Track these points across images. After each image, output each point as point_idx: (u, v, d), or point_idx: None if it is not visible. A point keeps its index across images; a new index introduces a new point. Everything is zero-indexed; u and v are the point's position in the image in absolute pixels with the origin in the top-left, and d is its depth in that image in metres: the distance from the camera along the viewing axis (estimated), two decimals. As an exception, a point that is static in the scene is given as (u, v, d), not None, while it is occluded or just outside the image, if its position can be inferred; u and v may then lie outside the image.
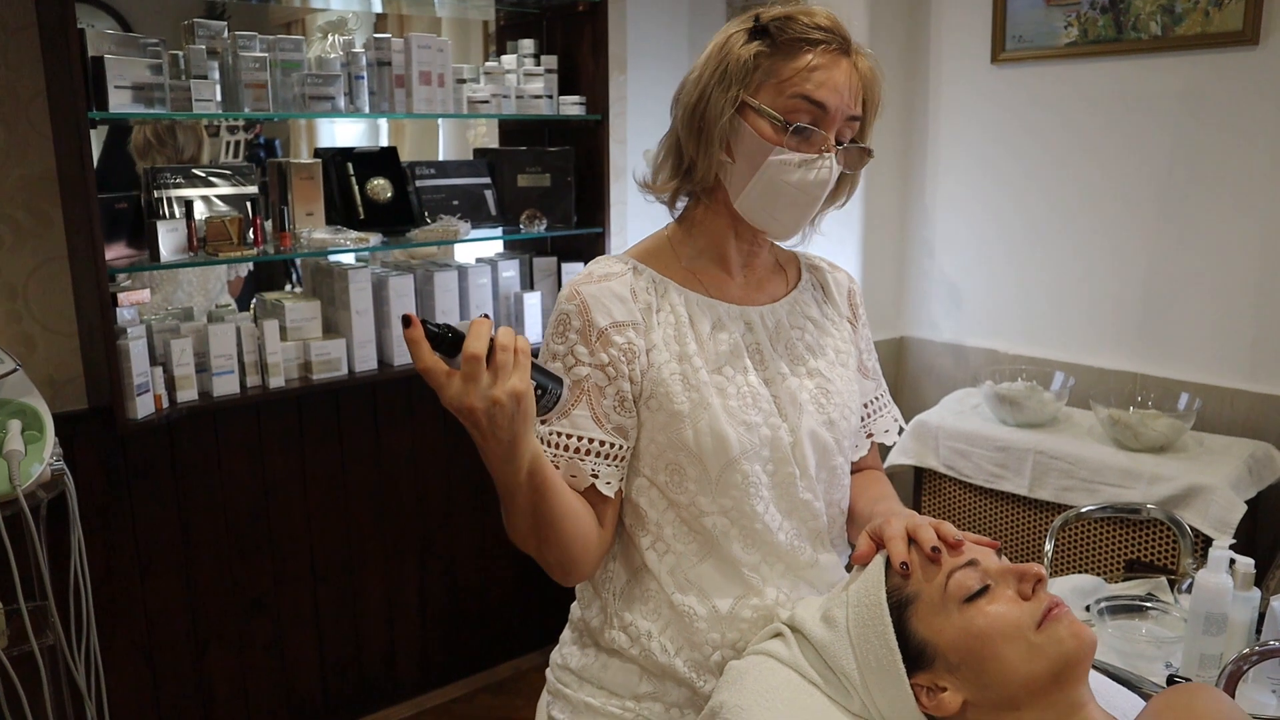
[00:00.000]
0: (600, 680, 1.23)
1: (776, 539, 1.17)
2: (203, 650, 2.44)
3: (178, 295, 2.67)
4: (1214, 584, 1.59)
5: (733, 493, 1.14)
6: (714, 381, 1.14)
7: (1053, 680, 1.00)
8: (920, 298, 3.04)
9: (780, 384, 1.18)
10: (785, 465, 1.16)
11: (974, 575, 1.06)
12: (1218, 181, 2.41)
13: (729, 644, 1.17)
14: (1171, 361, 2.52)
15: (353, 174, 2.48)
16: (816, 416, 1.19)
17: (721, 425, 1.12)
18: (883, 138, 2.95)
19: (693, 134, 1.14)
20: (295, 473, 2.51)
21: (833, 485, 1.24)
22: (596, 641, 1.24)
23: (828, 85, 1.08)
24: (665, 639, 1.18)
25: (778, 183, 1.10)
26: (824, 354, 1.23)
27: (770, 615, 1.18)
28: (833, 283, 1.31)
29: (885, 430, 1.34)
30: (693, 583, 1.17)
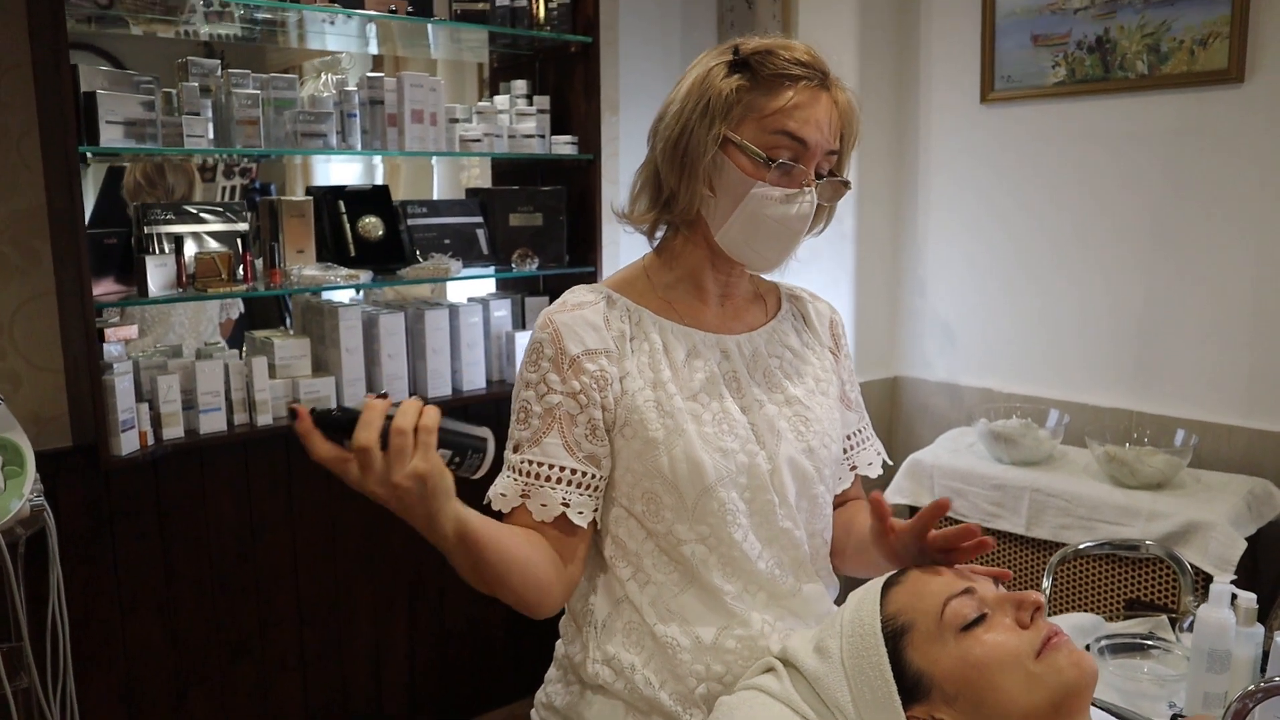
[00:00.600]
0: (581, 718, 1.20)
1: (756, 567, 1.15)
2: (184, 695, 2.38)
3: (169, 337, 2.65)
4: (1216, 620, 1.55)
5: (710, 520, 1.12)
6: (689, 408, 1.13)
7: (1053, 711, 0.97)
8: (913, 337, 3.03)
9: (757, 411, 1.17)
10: (763, 493, 1.15)
11: (971, 603, 1.03)
12: (1209, 219, 2.42)
13: (714, 676, 1.14)
14: (1167, 399, 2.51)
15: (344, 212, 2.48)
16: (796, 444, 1.17)
17: (697, 452, 1.11)
18: (874, 178, 2.96)
19: (674, 167, 1.14)
20: (282, 513, 2.47)
21: (814, 515, 1.22)
22: (580, 677, 1.21)
23: (809, 122, 1.09)
24: (649, 671, 1.15)
25: (760, 217, 1.10)
26: (803, 382, 1.22)
27: (755, 645, 1.15)
28: (813, 312, 1.31)
29: (869, 463, 1.33)
30: (675, 613, 1.15)
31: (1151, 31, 2.43)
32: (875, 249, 2.99)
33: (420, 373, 2.57)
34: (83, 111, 2.00)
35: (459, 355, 2.61)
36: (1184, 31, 2.38)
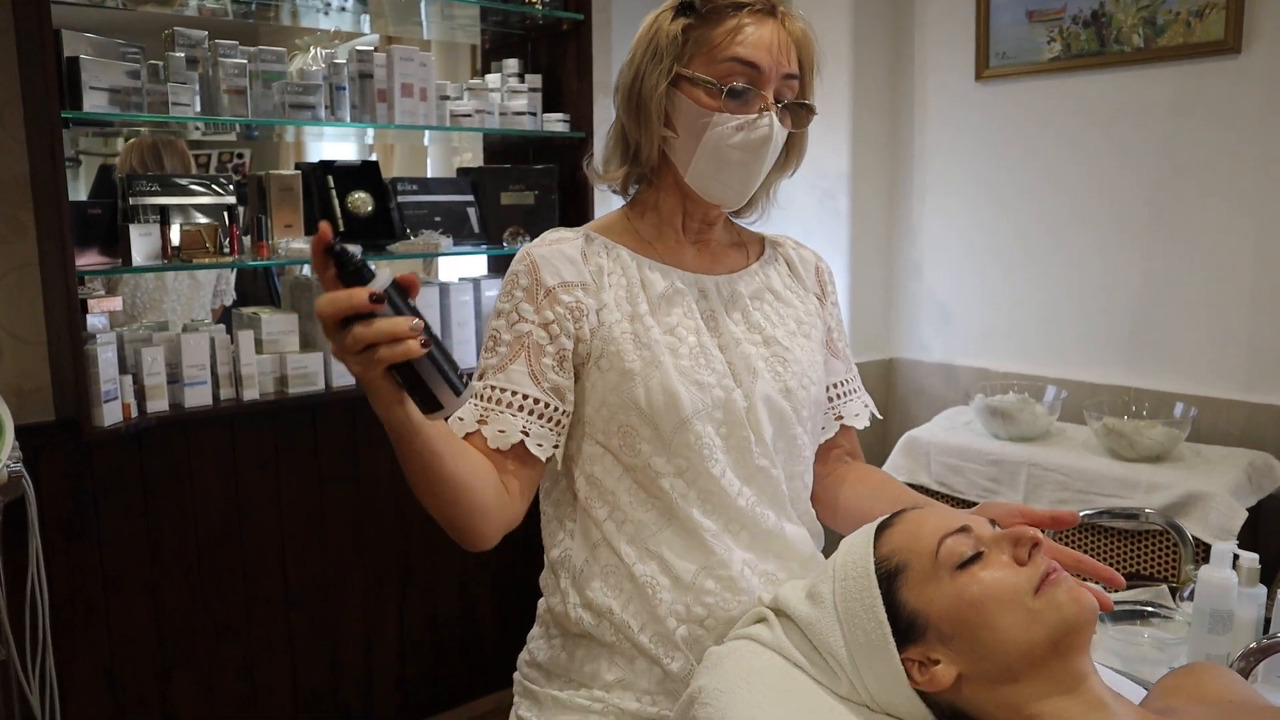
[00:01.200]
0: (567, 672, 1.18)
1: (736, 504, 1.13)
2: (168, 676, 2.34)
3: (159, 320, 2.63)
4: (1219, 580, 1.53)
5: (686, 453, 1.11)
6: (666, 341, 1.12)
7: (1052, 649, 0.94)
8: (909, 318, 3.00)
9: (734, 349, 1.16)
10: (739, 429, 1.13)
11: (967, 541, 1.00)
12: (1207, 191, 2.40)
13: (695, 618, 1.12)
14: (1166, 374, 2.48)
15: (333, 187, 2.45)
16: (773, 383, 1.16)
17: (673, 383, 1.10)
18: (868, 158, 2.94)
19: (632, 115, 1.15)
20: (269, 491, 2.43)
21: (793, 457, 1.20)
22: (562, 628, 1.19)
23: (757, 45, 1.09)
24: (628, 615, 1.13)
25: (721, 148, 1.10)
26: (784, 324, 1.21)
27: (735, 586, 1.12)
28: (798, 258, 1.30)
29: (855, 414, 1.31)
30: (653, 552, 1.12)
31: (1147, 4, 2.42)
32: (870, 230, 2.97)
33: (410, 350, 2.54)
34: (66, 77, 1.97)
35: (449, 334, 2.59)
36: (1180, 3, 2.36)
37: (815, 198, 2.95)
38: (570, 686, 1.18)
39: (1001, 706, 0.96)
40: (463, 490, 1.02)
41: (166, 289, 2.85)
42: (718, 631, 1.13)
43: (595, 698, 1.15)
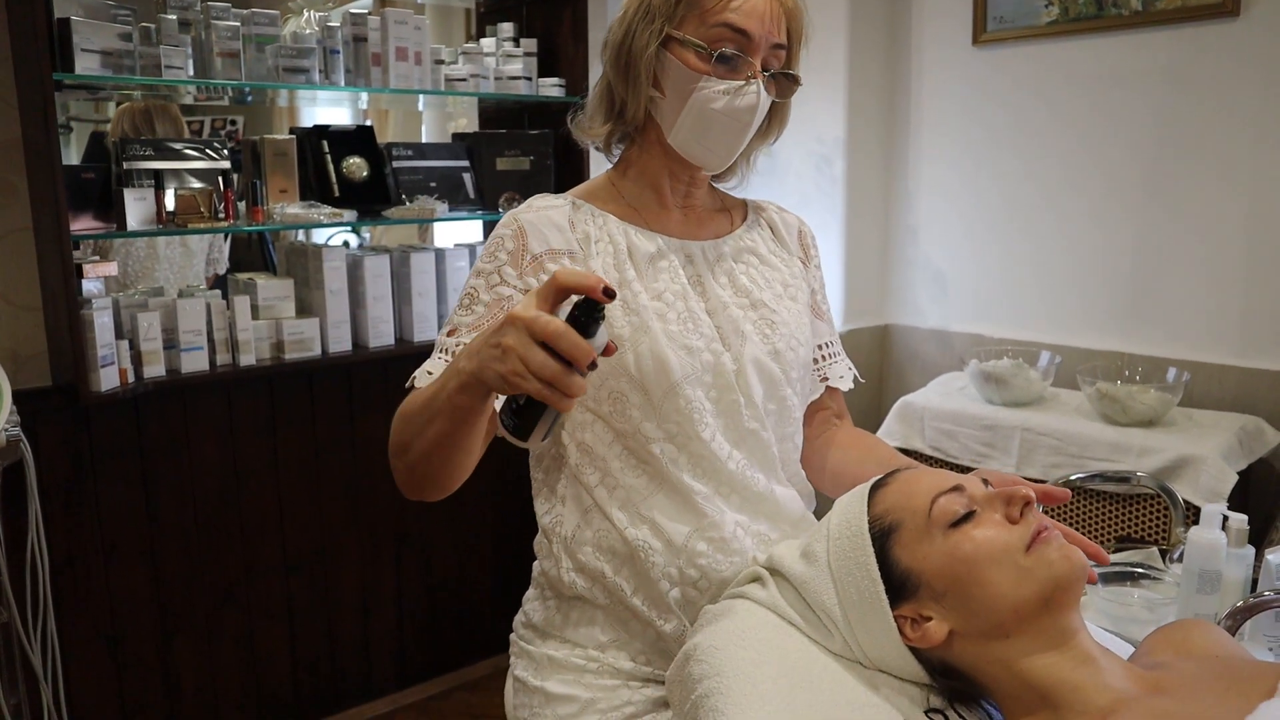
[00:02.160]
0: (562, 632, 1.20)
1: (727, 467, 1.14)
2: (169, 641, 2.36)
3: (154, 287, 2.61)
4: (1208, 540, 1.54)
5: (676, 418, 1.12)
6: (654, 307, 1.13)
7: (1043, 605, 0.95)
8: (905, 284, 3.00)
9: (722, 313, 1.17)
10: (729, 392, 1.14)
11: (960, 500, 1.01)
12: (1203, 156, 2.39)
13: (688, 580, 1.13)
14: (1160, 340, 2.49)
15: (328, 152, 2.44)
16: (761, 346, 1.17)
17: (662, 349, 1.11)
18: (864, 123, 2.93)
19: (620, 72, 1.15)
20: (266, 457, 2.44)
21: (783, 419, 1.21)
22: (557, 591, 1.20)
23: (749, 13, 1.10)
24: (620, 579, 1.14)
25: (707, 111, 1.11)
26: (770, 287, 1.23)
27: (728, 547, 1.14)
28: (781, 223, 1.31)
29: (840, 376, 1.32)
30: (645, 517, 1.13)
31: (1146, -33, 2.40)
32: (866, 196, 2.96)
33: (406, 317, 2.54)
34: (57, 39, 1.95)
35: (445, 299, 2.59)
36: (1179, -34, 2.35)
37: (811, 163, 2.94)
38: (565, 646, 1.19)
39: (992, 662, 0.97)
40: (461, 464, 1.05)
41: (159, 257, 2.84)
42: (711, 593, 1.14)
43: (590, 656, 1.17)
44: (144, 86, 2.32)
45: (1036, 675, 0.95)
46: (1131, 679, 0.96)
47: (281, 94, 2.79)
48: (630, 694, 1.17)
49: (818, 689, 1.01)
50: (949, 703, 1.03)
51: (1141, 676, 0.97)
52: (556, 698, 1.18)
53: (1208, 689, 0.93)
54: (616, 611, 1.16)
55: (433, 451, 1.01)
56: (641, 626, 1.15)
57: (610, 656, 1.16)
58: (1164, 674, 0.99)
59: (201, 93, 2.68)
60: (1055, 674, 0.95)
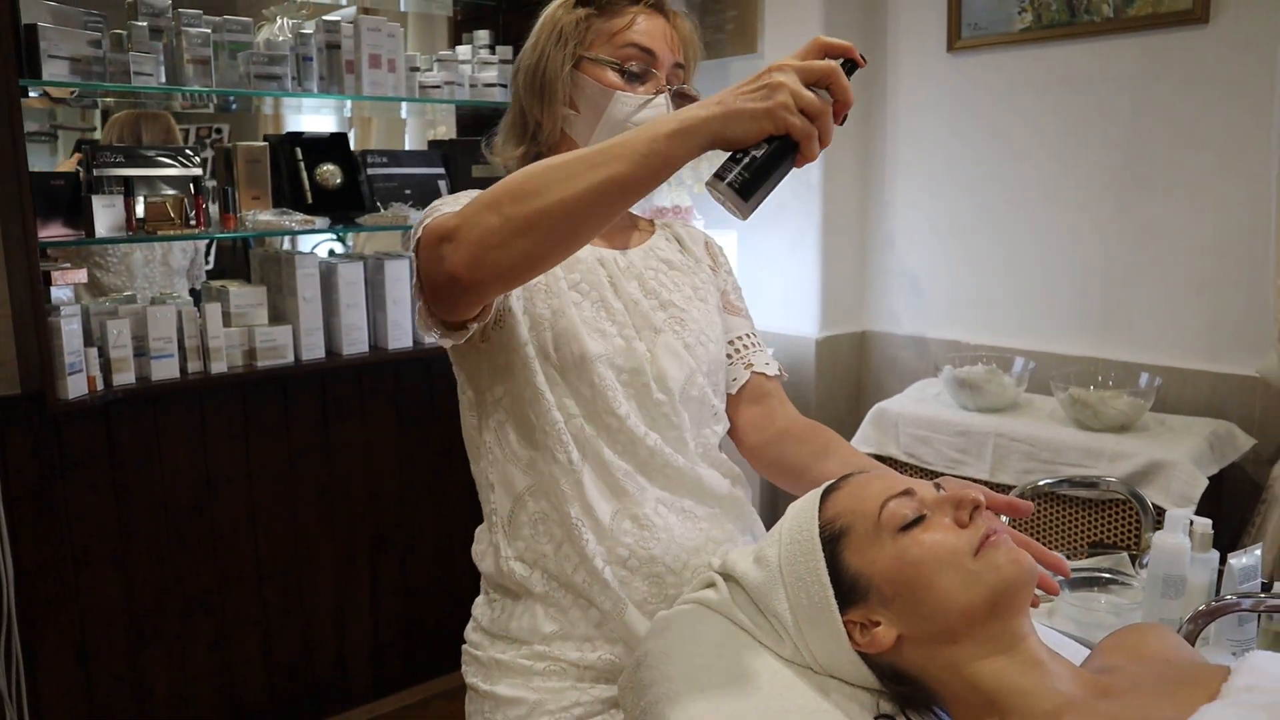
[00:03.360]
0: (507, 630, 1.21)
1: (645, 444, 1.18)
2: (140, 651, 2.34)
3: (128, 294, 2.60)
4: (1172, 545, 1.54)
5: (591, 395, 1.16)
6: (570, 296, 1.18)
7: (990, 609, 0.94)
8: (881, 291, 3.00)
9: (635, 309, 1.21)
10: (640, 376, 1.18)
11: (909, 504, 1.01)
12: (1173, 162, 2.40)
13: (617, 559, 1.16)
14: (1132, 345, 2.49)
15: (301, 159, 2.44)
16: (673, 339, 1.22)
17: (577, 329, 1.15)
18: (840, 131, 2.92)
19: (535, 94, 1.22)
20: (239, 464, 2.43)
21: (702, 408, 1.25)
22: (498, 586, 1.23)
23: (653, 34, 1.20)
24: (560, 558, 1.17)
25: (621, 125, 1.18)
26: (680, 290, 1.27)
27: (651, 524, 1.17)
28: (687, 235, 1.37)
29: (765, 363, 1.36)
30: (574, 495, 1.16)
31: (1117, -26, 2.41)
32: (842, 202, 2.96)
33: (380, 324, 2.54)
34: (24, 45, 1.95)
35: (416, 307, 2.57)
36: (1149, -27, 2.36)
37: (788, 170, 2.94)
38: (512, 646, 1.20)
39: (941, 666, 0.97)
40: (602, 221, 0.96)
41: (134, 275, 2.82)
42: (642, 571, 1.17)
43: (536, 654, 1.19)
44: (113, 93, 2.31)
45: (984, 680, 0.95)
46: (1079, 683, 0.96)
47: (266, 101, 2.79)
48: (578, 694, 1.18)
49: (767, 695, 1.01)
50: (900, 708, 1.03)
51: (1090, 680, 0.97)
52: (506, 701, 1.19)
53: (1154, 692, 0.93)
54: (556, 599, 1.18)
55: (591, 197, 0.91)
56: (582, 610, 1.17)
57: (556, 649, 1.18)
58: (1112, 677, 0.98)
59: (186, 100, 2.68)
60: (1003, 678, 0.94)
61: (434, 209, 1.10)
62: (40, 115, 3.34)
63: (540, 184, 0.92)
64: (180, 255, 2.97)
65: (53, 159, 3.48)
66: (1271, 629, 1.54)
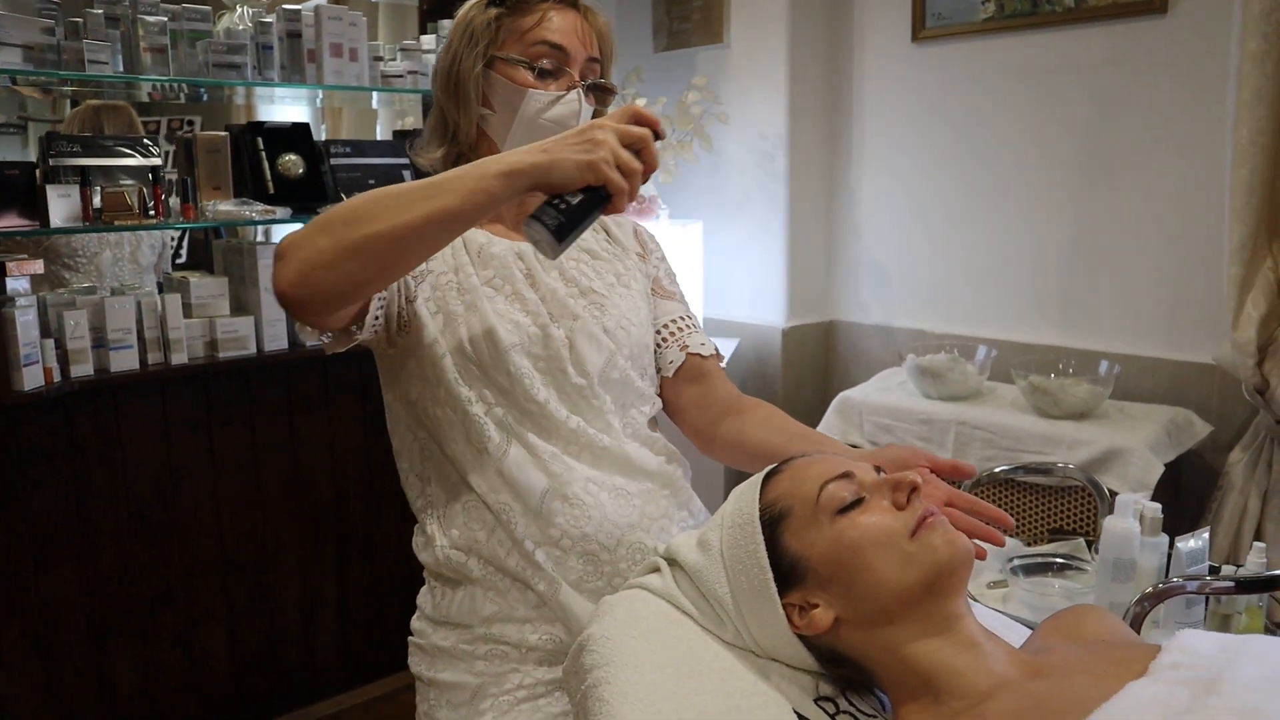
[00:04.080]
0: (447, 615, 1.23)
1: (567, 426, 1.19)
2: (102, 647, 2.32)
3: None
4: (1121, 530, 1.56)
5: (509, 384, 1.18)
6: (484, 291, 1.20)
7: (926, 591, 0.95)
8: (848, 281, 3.01)
9: (552, 298, 1.23)
10: (557, 362, 1.20)
11: (848, 487, 1.01)
12: (1133, 151, 2.41)
13: (550, 540, 1.17)
14: (1093, 334, 2.51)
15: (263, 149, 2.42)
16: (592, 323, 1.23)
17: (490, 320, 1.16)
18: (806, 121, 2.93)
19: (451, 96, 1.24)
20: (203, 456, 2.42)
21: (626, 389, 1.26)
22: (440, 574, 1.24)
23: (564, 31, 1.22)
24: (494, 543, 1.19)
25: (537, 122, 1.20)
26: (601, 278, 1.29)
27: (581, 502, 1.17)
28: (614, 223, 1.38)
29: (701, 343, 1.37)
30: (502, 481, 1.17)
31: (1078, -35, 2.42)
32: (808, 191, 2.97)
33: (345, 315, 2.52)
34: (-25, 33, 1.93)
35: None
36: (1109, -37, 2.37)
37: (754, 159, 2.94)
38: (454, 632, 1.22)
39: (877, 648, 0.97)
40: (419, 254, 1.04)
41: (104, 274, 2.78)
42: (576, 550, 1.17)
43: (477, 637, 1.20)
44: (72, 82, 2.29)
45: (920, 661, 0.95)
46: (1014, 663, 0.96)
47: (239, 92, 2.77)
48: (521, 677, 1.19)
49: (706, 679, 1.01)
50: (840, 691, 1.04)
51: (1025, 661, 0.98)
52: (448, 686, 1.21)
53: (1086, 671, 0.94)
54: (493, 582, 1.19)
55: (419, 226, 0.96)
56: (520, 592, 1.18)
57: (497, 630, 1.19)
58: (1047, 657, 0.99)
59: (156, 91, 2.66)
60: (938, 659, 0.95)
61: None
62: (9, 106, 3.30)
63: (373, 210, 0.97)
64: (149, 252, 2.94)
65: (24, 150, 3.44)
66: (1219, 611, 1.56)
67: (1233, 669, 0.86)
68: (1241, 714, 0.78)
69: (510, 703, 1.19)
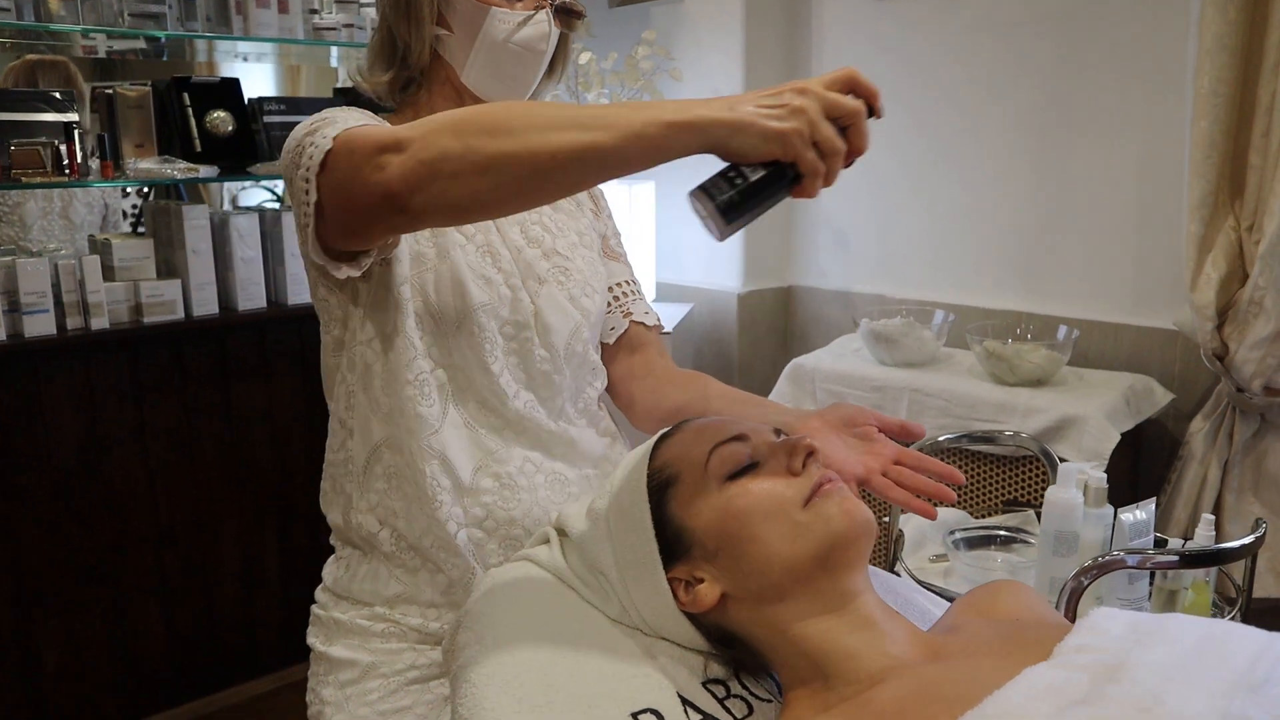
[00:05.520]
0: (349, 591, 1.15)
1: (513, 405, 1.11)
2: (29, 622, 2.24)
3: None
4: (1063, 501, 1.48)
5: (465, 346, 1.09)
6: (456, 238, 1.10)
7: (818, 564, 0.87)
8: (807, 245, 2.92)
9: (518, 256, 1.14)
10: (524, 329, 1.12)
11: (741, 450, 0.93)
12: (1097, 107, 2.31)
13: (474, 520, 1.10)
14: (1054, 299, 2.42)
15: (189, 105, 2.31)
16: (558, 291, 1.15)
17: (462, 274, 1.08)
18: (765, 77, 2.82)
19: (400, 13, 1.11)
20: (132, 424, 2.33)
21: (583, 365, 1.19)
22: (346, 540, 1.17)
23: None
24: (410, 517, 1.10)
25: (500, 45, 1.10)
26: (564, 236, 1.20)
27: (514, 483, 1.10)
28: None
29: (645, 312, 1.30)
30: (434, 450, 1.08)
31: (1043, -89, 2.31)
32: (767, 152, 2.86)
33: (280, 278, 2.44)
34: None
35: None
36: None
37: (712, 120, 2.84)
38: (354, 607, 1.15)
39: (765, 627, 0.90)
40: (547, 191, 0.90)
41: (29, 227, 2.67)
42: (499, 534, 1.11)
43: (377, 615, 1.14)
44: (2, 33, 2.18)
45: (810, 641, 0.87)
46: (914, 645, 0.89)
47: (200, 50, 2.66)
48: (415, 656, 1.13)
49: (585, 658, 0.94)
50: (734, 673, 0.96)
51: (926, 642, 0.90)
52: (338, 663, 1.14)
53: (989, 653, 0.86)
54: (404, 560, 1.12)
55: (565, 157, 0.82)
56: (430, 575, 1.12)
57: (399, 613, 1.13)
58: (951, 638, 0.92)
59: (92, 46, 2.55)
60: (829, 640, 0.87)
61: (318, 125, 0.98)
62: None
63: (516, 124, 0.82)
64: (84, 210, 2.83)
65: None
66: (1165, 588, 1.49)
67: (1140, 652, 0.78)
68: (1139, 704, 0.70)
69: (400, 683, 1.13)
